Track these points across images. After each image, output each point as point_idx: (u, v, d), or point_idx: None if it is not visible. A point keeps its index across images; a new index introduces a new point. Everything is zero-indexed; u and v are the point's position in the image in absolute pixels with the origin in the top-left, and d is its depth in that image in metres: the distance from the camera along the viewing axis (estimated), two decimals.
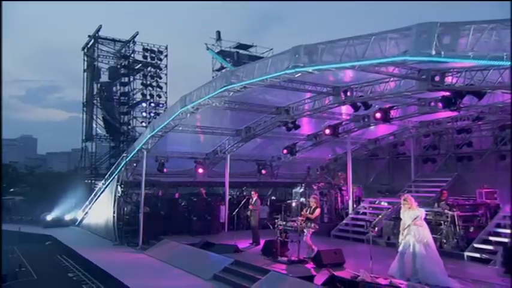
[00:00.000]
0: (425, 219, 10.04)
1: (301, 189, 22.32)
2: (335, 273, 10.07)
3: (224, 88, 11.86)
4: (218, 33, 37.08)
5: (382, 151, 24.33)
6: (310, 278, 10.02)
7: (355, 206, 19.40)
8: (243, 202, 16.50)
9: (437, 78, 10.47)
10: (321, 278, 9.80)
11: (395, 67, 9.96)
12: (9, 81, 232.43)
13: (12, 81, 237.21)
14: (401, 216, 10.11)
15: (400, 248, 9.89)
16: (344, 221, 18.21)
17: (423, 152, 22.69)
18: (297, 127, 16.34)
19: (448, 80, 10.51)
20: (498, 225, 13.10)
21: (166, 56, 31.62)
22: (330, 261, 11.11)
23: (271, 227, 13.97)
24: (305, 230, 12.24)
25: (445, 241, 13.06)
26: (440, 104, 13.17)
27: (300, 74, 9.53)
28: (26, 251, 18.94)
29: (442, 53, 6.30)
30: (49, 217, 26.90)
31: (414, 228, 9.65)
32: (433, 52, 6.34)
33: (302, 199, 20.66)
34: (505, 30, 5.78)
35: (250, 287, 10.41)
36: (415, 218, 9.67)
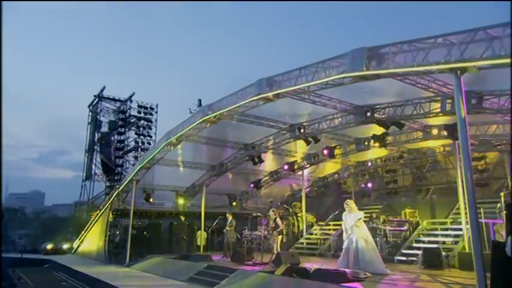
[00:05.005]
0: None
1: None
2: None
3: (202, 119, 11.87)
4: (199, 100, 37.72)
5: (329, 190, 24.63)
6: (271, 273, 9.66)
7: (308, 230, 19.11)
8: (216, 220, 16.05)
9: (368, 114, 10.97)
10: (279, 270, 9.46)
11: (338, 102, 10.41)
12: (24, 147, 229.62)
13: (26, 146, 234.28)
14: (344, 218, 10.10)
15: (345, 245, 9.81)
16: (300, 241, 17.86)
17: (361, 189, 23.17)
18: (262, 161, 16.38)
19: (377, 114, 11.04)
20: (418, 236, 13.46)
21: (156, 112, 32.03)
22: (288, 261, 10.79)
23: (239, 236, 13.54)
24: (275, 239, 12.07)
25: (380, 250, 12.97)
26: (371, 141, 13.69)
27: (263, 102, 9.74)
28: (26, 271, 17.39)
29: (371, 68, 6.73)
30: (49, 246, 25.13)
31: (356, 227, 9.66)
32: (364, 68, 6.76)
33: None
34: (411, 52, 6.31)
35: (220, 282, 9.90)
36: (358, 219, 9.71)
